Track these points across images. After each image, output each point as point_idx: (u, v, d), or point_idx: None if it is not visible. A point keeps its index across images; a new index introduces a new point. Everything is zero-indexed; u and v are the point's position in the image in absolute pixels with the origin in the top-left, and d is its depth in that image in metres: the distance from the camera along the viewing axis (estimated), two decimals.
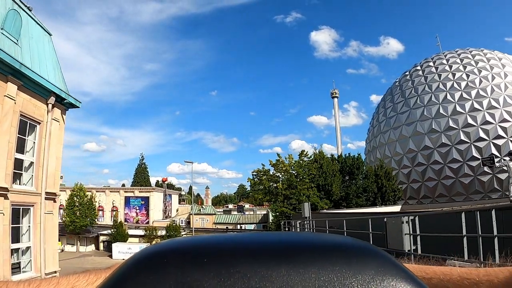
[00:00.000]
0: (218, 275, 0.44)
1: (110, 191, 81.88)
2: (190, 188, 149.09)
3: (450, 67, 62.40)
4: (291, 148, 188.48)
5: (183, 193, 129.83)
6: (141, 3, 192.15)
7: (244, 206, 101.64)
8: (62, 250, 65.96)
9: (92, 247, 70.17)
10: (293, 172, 45.49)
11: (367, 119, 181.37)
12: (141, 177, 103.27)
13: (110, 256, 58.26)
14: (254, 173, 48.12)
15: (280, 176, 45.80)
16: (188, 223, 76.55)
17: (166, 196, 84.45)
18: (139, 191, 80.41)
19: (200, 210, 79.76)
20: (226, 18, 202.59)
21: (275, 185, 45.03)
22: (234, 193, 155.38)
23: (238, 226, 73.86)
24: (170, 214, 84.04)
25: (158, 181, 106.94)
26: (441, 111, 58.31)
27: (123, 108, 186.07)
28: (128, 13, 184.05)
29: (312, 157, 48.85)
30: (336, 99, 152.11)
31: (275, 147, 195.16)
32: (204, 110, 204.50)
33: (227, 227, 73.61)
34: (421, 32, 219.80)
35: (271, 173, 46.45)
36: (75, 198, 66.09)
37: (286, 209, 42.15)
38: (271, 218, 54.95)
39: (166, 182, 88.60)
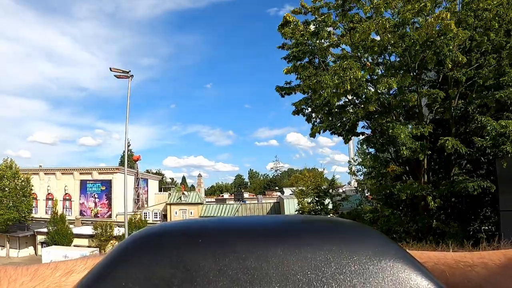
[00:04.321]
0: (214, 255, 0.44)
1: (62, 173, 60.12)
2: (183, 178, 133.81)
3: None
4: (287, 141, 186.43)
5: (167, 179, 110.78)
6: None
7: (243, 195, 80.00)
8: None
9: (30, 250, 49.29)
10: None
11: None
12: (124, 166, 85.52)
13: None
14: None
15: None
16: (165, 216, 55.01)
17: (138, 180, 62.69)
18: (99, 172, 58.46)
19: (180, 198, 56.73)
20: (221, 12, 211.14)
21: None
22: (231, 184, 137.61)
23: None
24: (144, 205, 62.29)
25: (148, 170, 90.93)
26: None
27: (119, 103, 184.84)
28: (123, 9, 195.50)
29: None
30: None
31: (271, 140, 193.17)
32: (199, 103, 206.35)
33: None
34: None
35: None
36: (4, 181, 44.60)
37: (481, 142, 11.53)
38: (299, 202, 30.07)
39: (138, 161, 66.19)
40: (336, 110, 15.26)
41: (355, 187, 49.86)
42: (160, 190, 73.03)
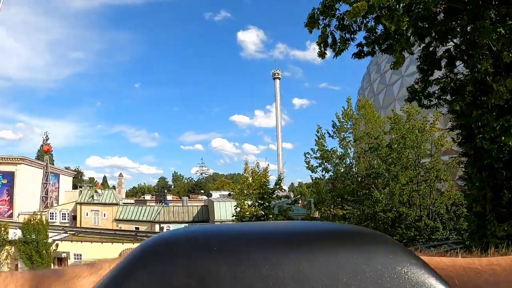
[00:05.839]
0: (228, 263, 0.43)
1: None
2: (104, 178, 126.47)
3: None
4: (212, 147, 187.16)
5: (86, 177, 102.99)
6: None
7: (166, 197, 74.12)
8: None
9: None
10: None
11: (289, 121, 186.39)
12: (43, 161, 78.76)
13: None
14: None
15: None
16: (75, 217, 48.72)
17: (48, 175, 55.71)
18: None
19: (93, 197, 50.45)
20: (157, 11, 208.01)
21: None
22: (154, 186, 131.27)
23: (157, 227, 45.49)
24: (54, 204, 55.26)
25: (67, 167, 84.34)
26: None
27: (44, 96, 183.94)
28: None
29: None
30: (278, 81, 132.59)
31: (196, 144, 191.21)
32: (126, 103, 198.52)
33: (136, 228, 45.46)
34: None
35: None
36: None
37: None
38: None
39: (49, 153, 59.06)
40: None
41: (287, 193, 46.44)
42: (75, 188, 65.93)
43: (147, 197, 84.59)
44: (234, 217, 24.26)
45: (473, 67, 9.39)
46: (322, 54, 10.32)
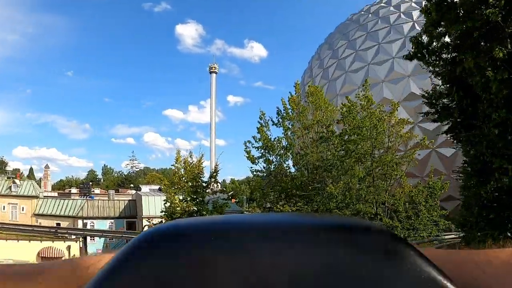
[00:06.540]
0: (227, 253, 0.43)
1: None
2: (31, 170, 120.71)
3: None
4: (144, 141, 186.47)
5: (10, 168, 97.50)
6: None
7: (94, 190, 71.07)
8: None
9: None
10: None
11: (222, 118, 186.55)
12: None
13: None
14: None
15: None
16: None
17: None
18: None
19: (10, 188, 46.81)
20: None
21: None
22: (83, 179, 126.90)
23: (80, 223, 42.94)
24: None
25: None
26: None
27: None
28: None
29: None
30: (214, 75, 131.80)
31: (128, 138, 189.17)
32: (57, 91, 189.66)
33: (58, 224, 42.63)
34: (286, 40, 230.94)
35: None
36: None
37: None
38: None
39: None
40: None
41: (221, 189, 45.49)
42: None
43: (74, 190, 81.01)
44: (164, 213, 22.17)
45: None
46: None
